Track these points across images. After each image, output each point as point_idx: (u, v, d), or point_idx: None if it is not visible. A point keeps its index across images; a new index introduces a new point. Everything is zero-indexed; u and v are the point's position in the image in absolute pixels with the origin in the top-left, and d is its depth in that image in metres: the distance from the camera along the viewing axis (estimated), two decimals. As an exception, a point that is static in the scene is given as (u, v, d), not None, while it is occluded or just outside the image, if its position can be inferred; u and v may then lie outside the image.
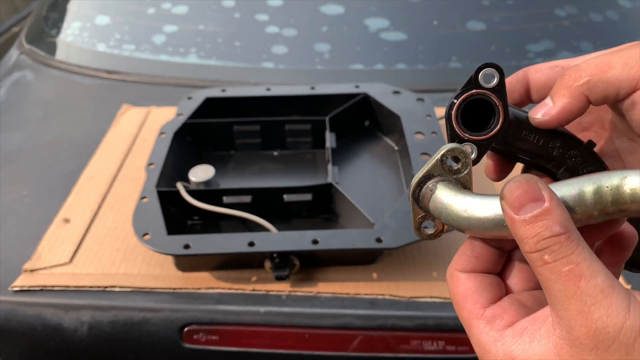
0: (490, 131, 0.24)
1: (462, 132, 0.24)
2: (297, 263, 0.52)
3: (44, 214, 0.61)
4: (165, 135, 0.64)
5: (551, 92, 0.24)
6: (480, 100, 0.24)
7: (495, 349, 0.21)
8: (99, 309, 0.51)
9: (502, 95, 0.23)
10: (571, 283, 0.19)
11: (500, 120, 0.24)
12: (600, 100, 0.23)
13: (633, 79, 0.22)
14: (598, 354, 0.18)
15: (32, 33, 1.01)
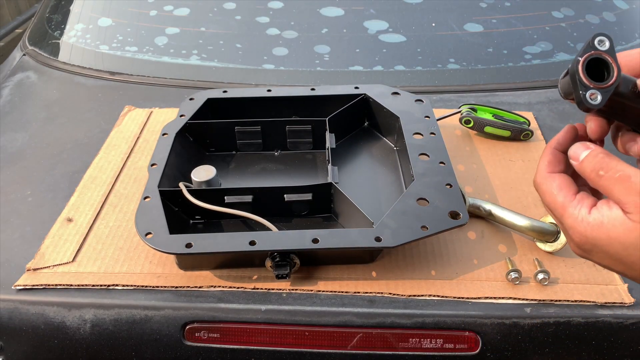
0: (609, 80, 0.30)
1: (589, 81, 0.30)
2: (297, 262, 0.52)
3: (48, 214, 0.62)
4: (168, 136, 0.65)
5: None
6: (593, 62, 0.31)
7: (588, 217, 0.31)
8: (101, 307, 0.51)
9: (613, 56, 0.31)
10: (625, 181, 0.29)
11: (615, 72, 0.30)
12: None
13: None
14: None
15: (35, 34, 1.02)
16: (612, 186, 0.30)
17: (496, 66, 0.85)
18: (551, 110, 0.79)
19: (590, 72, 0.31)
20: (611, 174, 0.30)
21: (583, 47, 0.31)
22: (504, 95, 0.82)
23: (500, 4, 0.92)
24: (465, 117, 0.74)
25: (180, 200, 0.57)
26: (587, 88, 0.30)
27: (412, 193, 0.55)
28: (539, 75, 0.84)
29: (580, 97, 0.30)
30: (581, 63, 0.31)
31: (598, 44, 0.31)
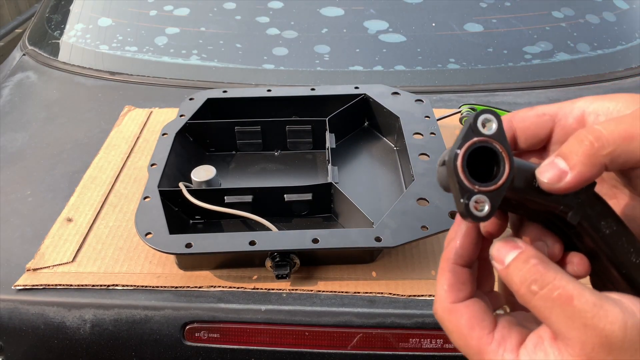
0: (499, 180, 0.22)
1: (472, 183, 0.22)
2: (297, 262, 0.52)
3: (47, 214, 0.62)
4: (167, 136, 0.65)
5: (565, 152, 0.22)
6: (478, 150, 0.23)
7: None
8: (101, 307, 0.51)
9: (503, 142, 0.23)
10: (567, 305, 0.20)
11: (507, 167, 0.22)
12: (616, 168, 0.22)
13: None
14: (614, 356, 0.20)
15: (35, 34, 1.02)
16: (549, 310, 0.21)
17: (496, 66, 0.85)
18: (551, 110, 0.79)
19: (473, 165, 0.23)
20: (547, 291, 0.21)
21: (463, 131, 0.23)
22: (504, 95, 0.82)
23: (501, 4, 0.92)
24: (466, 117, 0.74)
25: (180, 200, 0.57)
26: (471, 193, 0.22)
27: (412, 193, 0.55)
28: (539, 75, 0.84)
29: (462, 207, 0.22)
30: (461, 158, 0.22)
31: (482, 127, 0.23)
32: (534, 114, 0.26)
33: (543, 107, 0.26)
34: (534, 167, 0.24)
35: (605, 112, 0.24)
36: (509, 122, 0.26)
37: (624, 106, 0.23)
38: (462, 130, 0.23)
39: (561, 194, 0.23)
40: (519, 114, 0.26)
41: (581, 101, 0.25)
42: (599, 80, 0.84)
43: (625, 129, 0.21)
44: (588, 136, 0.22)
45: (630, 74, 0.85)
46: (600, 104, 0.24)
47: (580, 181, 0.22)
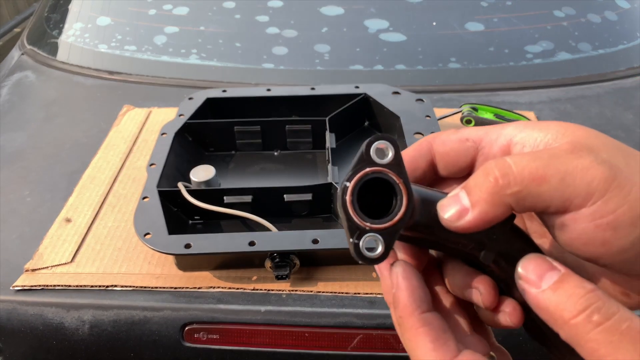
0: (395, 216, 0.20)
1: (362, 221, 0.20)
2: (297, 262, 0.52)
3: (46, 214, 0.62)
4: (167, 136, 0.64)
5: (470, 185, 0.20)
6: (378, 180, 0.20)
7: None
8: (100, 308, 0.51)
9: (400, 171, 0.20)
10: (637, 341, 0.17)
11: (404, 201, 0.20)
12: (524, 210, 0.19)
13: (567, 199, 0.18)
14: None
15: (34, 34, 1.02)
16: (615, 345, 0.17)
17: (497, 65, 0.85)
18: (553, 110, 0.79)
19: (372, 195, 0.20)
20: (615, 323, 0.17)
21: (355, 160, 0.20)
22: (506, 95, 0.81)
23: (502, 3, 0.91)
24: (467, 116, 0.73)
25: (179, 201, 0.57)
26: (362, 232, 0.20)
27: (412, 193, 0.54)
28: (541, 74, 0.84)
29: (352, 247, 0.20)
30: (350, 192, 0.20)
31: (376, 155, 0.20)
32: (457, 139, 0.23)
33: (468, 130, 0.23)
34: (441, 198, 0.21)
35: (532, 143, 0.20)
36: (428, 146, 0.23)
37: (552, 138, 0.20)
38: (355, 158, 0.20)
39: (462, 233, 0.20)
40: (441, 136, 0.23)
41: (509, 128, 0.21)
42: (600, 80, 0.84)
43: (539, 167, 0.19)
44: (494, 170, 0.19)
45: (632, 73, 0.85)
46: (528, 133, 0.21)
47: (483, 221, 0.19)
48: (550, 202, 0.19)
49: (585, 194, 0.18)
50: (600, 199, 0.18)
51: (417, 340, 0.20)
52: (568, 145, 0.19)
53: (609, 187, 0.18)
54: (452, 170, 0.23)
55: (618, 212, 0.18)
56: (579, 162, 0.18)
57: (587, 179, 0.18)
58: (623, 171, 0.18)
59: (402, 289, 0.21)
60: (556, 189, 0.18)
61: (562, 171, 0.18)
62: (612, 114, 0.78)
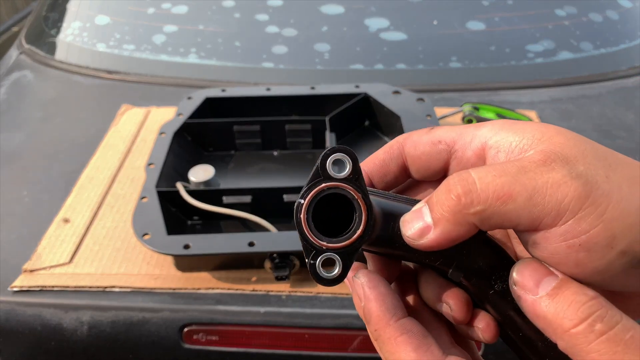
0: (353, 234, 0.18)
1: (317, 240, 0.18)
2: (297, 263, 0.52)
3: (44, 214, 0.61)
4: (165, 135, 0.64)
5: (432, 201, 0.18)
6: (336, 195, 0.19)
7: None
8: (98, 309, 0.51)
9: (359, 185, 0.18)
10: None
11: (362, 217, 0.18)
12: (490, 228, 0.18)
13: (536, 218, 0.17)
14: None
15: (32, 33, 1.01)
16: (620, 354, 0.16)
17: (499, 65, 0.84)
18: (554, 109, 0.78)
19: (329, 208, 0.19)
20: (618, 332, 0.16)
21: (310, 175, 0.19)
22: (507, 94, 0.81)
23: (503, 2, 0.91)
24: (468, 116, 0.73)
25: (178, 201, 0.57)
26: (319, 252, 0.18)
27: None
28: (542, 74, 0.84)
29: (309, 267, 0.19)
30: (304, 210, 0.18)
31: (332, 168, 0.18)
32: (429, 141, 0.21)
33: (441, 131, 0.21)
34: (405, 211, 0.19)
35: (507, 148, 0.19)
36: (399, 148, 0.21)
37: (528, 143, 0.18)
38: (312, 172, 0.18)
39: (425, 251, 0.19)
40: (413, 137, 0.21)
41: (485, 129, 0.20)
42: (602, 79, 0.83)
43: (504, 184, 0.17)
44: (457, 187, 0.18)
45: (633, 73, 0.85)
46: (504, 136, 0.19)
47: (446, 240, 0.18)
48: (518, 221, 0.17)
49: (556, 213, 0.17)
50: (572, 218, 0.17)
51: (398, 351, 0.18)
52: (541, 156, 0.18)
53: (582, 206, 0.16)
54: (425, 174, 0.21)
55: (592, 232, 0.17)
56: (549, 177, 0.17)
57: (557, 196, 0.17)
58: (600, 186, 0.17)
59: (371, 300, 0.19)
60: (523, 208, 0.17)
61: (530, 188, 0.17)
62: (613, 114, 0.77)
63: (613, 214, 0.17)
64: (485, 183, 0.17)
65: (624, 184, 0.17)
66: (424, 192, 0.22)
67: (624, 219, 0.17)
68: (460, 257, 0.20)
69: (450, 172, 0.21)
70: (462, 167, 0.21)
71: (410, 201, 0.20)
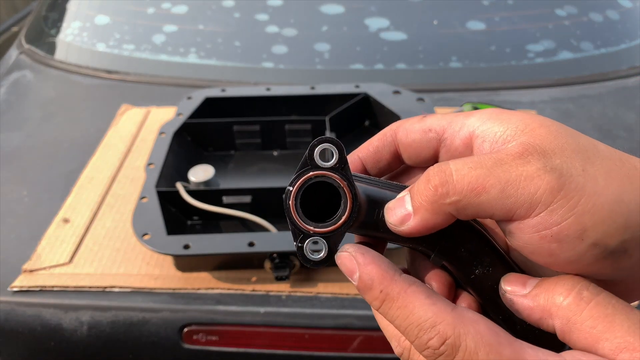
0: (339, 219, 0.20)
1: (305, 225, 0.20)
2: (297, 263, 0.52)
3: (44, 214, 0.61)
4: (165, 135, 0.64)
5: (413, 190, 0.19)
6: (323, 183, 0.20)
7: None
8: (98, 309, 0.51)
9: (345, 174, 0.20)
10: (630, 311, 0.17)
11: (348, 204, 0.20)
12: (467, 217, 0.19)
13: (509, 210, 0.18)
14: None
15: (32, 33, 1.01)
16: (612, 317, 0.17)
17: (499, 64, 0.84)
18: (555, 109, 0.78)
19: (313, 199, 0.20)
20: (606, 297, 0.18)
21: (300, 164, 0.20)
22: (507, 94, 0.81)
23: (503, 2, 0.91)
24: (467, 116, 0.73)
25: (178, 201, 0.57)
26: (306, 236, 0.20)
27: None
28: (542, 73, 0.83)
29: (297, 250, 0.20)
30: (292, 196, 0.20)
31: (319, 157, 0.20)
32: (420, 129, 0.22)
33: (432, 120, 0.22)
34: (390, 198, 0.20)
35: (492, 138, 0.19)
36: (392, 134, 0.22)
37: (511, 134, 0.19)
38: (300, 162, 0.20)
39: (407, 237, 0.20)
40: (405, 125, 0.22)
41: (473, 118, 0.20)
42: (602, 79, 0.83)
43: (478, 176, 0.18)
44: (435, 178, 0.19)
45: (634, 72, 0.85)
46: (489, 126, 0.20)
47: (424, 228, 0.19)
48: (492, 211, 0.18)
49: (529, 205, 0.17)
50: (544, 211, 0.17)
51: (411, 302, 0.19)
52: (519, 148, 0.18)
53: (554, 198, 0.17)
54: (416, 160, 0.22)
55: (563, 224, 0.17)
56: (524, 170, 0.18)
57: (530, 189, 0.17)
58: (575, 179, 0.17)
59: (368, 263, 0.20)
60: (496, 200, 0.18)
61: (504, 180, 0.18)
62: (613, 114, 0.77)
63: (585, 207, 0.17)
64: (461, 175, 0.18)
65: (600, 177, 0.17)
66: (416, 177, 0.23)
67: (596, 212, 0.17)
68: (442, 243, 0.21)
69: (439, 160, 0.22)
70: (451, 155, 0.21)
71: (398, 188, 0.21)
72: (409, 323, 0.18)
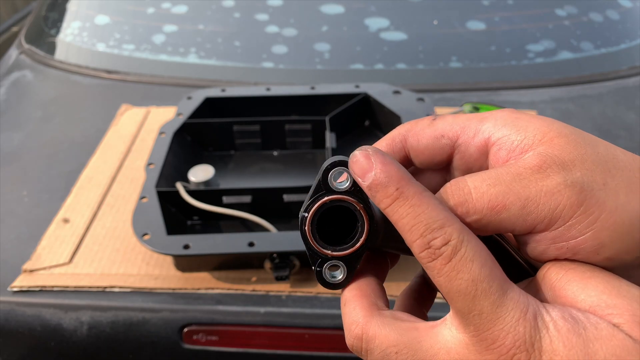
0: (357, 242, 0.20)
1: (322, 249, 0.20)
2: (297, 263, 0.52)
3: (44, 214, 0.61)
4: (165, 135, 0.64)
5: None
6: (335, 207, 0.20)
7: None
8: (98, 309, 0.51)
9: (361, 197, 0.19)
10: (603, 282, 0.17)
11: (365, 226, 0.20)
12: (489, 233, 0.19)
13: (530, 226, 0.18)
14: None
15: (32, 33, 1.01)
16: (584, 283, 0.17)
17: (499, 64, 0.84)
18: (555, 109, 0.78)
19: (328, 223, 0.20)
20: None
21: (313, 188, 0.20)
22: (507, 94, 0.81)
23: (503, 2, 0.91)
24: (467, 116, 0.72)
25: (178, 201, 0.57)
26: (324, 260, 0.20)
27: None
28: (543, 73, 0.83)
29: (316, 274, 0.20)
30: (309, 222, 0.20)
31: (334, 180, 0.20)
32: (432, 135, 0.21)
33: (444, 124, 0.21)
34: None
35: (508, 146, 0.19)
36: (402, 139, 0.22)
37: (529, 143, 0.18)
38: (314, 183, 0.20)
39: None
40: (415, 129, 0.21)
41: (488, 123, 0.20)
42: (603, 79, 0.83)
43: (498, 194, 0.18)
44: (454, 197, 0.18)
45: (634, 72, 0.85)
46: (506, 133, 0.19)
47: None
48: (513, 227, 0.18)
49: (549, 220, 0.17)
50: (562, 225, 0.17)
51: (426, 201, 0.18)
52: (537, 159, 0.18)
53: (574, 214, 0.17)
54: (429, 165, 0.22)
55: (579, 239, 0.17)
56: (544, 185, 0.17)
57: (551, 204, 0.17)
58: (595, 194, 0.17)
59: (390, 163, 0.19)
60: (517, 217, 0.18)
61: (524, 197, 0.17)
62: (614, 114, 0.77)
63: (605, 223, 0.17)
64: (480, 193, 0.18)
65: (621, 192, 0.17)
66: (427, 179, 0.23)
67: (616, 228, 0.17)
68: None
69: (454, 165, 0.22)
70: (466, 162, 0.21)
71: None
72: (419, 221, 0.18)
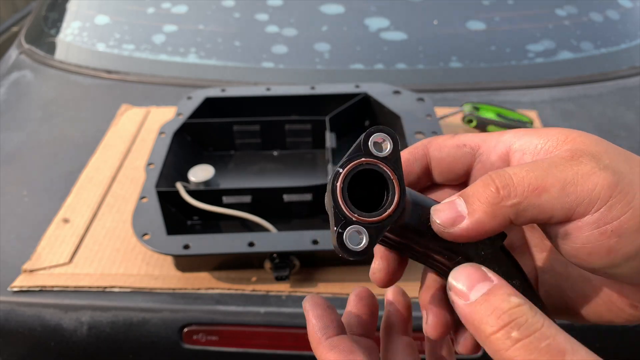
0: (384, 211, 0.19)
1: (349, 211, 0.19)
2: (297, 263, 0.52)
3: (44, 214, 0.61)
4: (165, 135, 0.64)
5: (467, 193, 0.19)
6: (371, 173, 0.19)
7: None
8: (98, 309, 0.51)
9: (396, 167, 0.19)
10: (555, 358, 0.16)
11: (395, 197, 0.19)
12: (525, 222, 0.19)
13: (569, 208, 0.18)
14: None
15: (32, 33, 1.01)
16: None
17: (499, 64, 0.84)
18: (555, 109, 0.78)
19: (364, 189, 0.19)
20: (534, 340, 0.17)
21: (352, 149, 0.19)
22: (507, 94, 0.81)
23: (503, 2, 0.91)
24: (468, 116, 0.73)
25: (177, 201, 0.57)
26: (348, 222, 0.19)
27: (413, 193, 0.54)
28: (543, 73, 0.84)
29: (335, 236, 0.19)
30: (341, 178, 0.19)
31: (373, 147, 0.19)
32: (454, 144, 0.22)
33: (465, 136, 0.22)
34: (433, 204, 0.20)
35: (532, 150, 0.20)
36: (423, 150, 0.22)
37: (552, 145, 0.19)
38: (352, 148, 0.19)
39: (455, 241, 0.19)
40: (437, 140, 0.22)
41: (508, 135, 0.21)
42: (603, 79, 0.83)
43: (538, 177, 0.18)
44: (495, 180, 0.19)
45: (634, 72, 0.85)
46: (528, 140, 0.20)
47: (478, 231, 0.19)
48: (552, 212, 0.18)
49: (588, 201, 0.18)
50: (603, 206, 0.18)
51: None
52: (568, 153, 0.19)
53: (612, 193, 0.18)
54: (448, 176, 0.22)
55: (622, 218, 0.18)
56: (579, 169, 0.18)
57: (589, 185, 0.18)
58: (626, 176, 0.18)
59: (309, 321, 0.22)
60: (557, 199, 0.18)
61: (562, 179, 0.18)
62: (614, 114, 0.77)
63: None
64: (520, 177, 0.18)
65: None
66: (444, 196, 0.23)
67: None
68: (478, 258, 0.20)
69: (473, 176, 0.22)
70: (486, 170, 0.21)
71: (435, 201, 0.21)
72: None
